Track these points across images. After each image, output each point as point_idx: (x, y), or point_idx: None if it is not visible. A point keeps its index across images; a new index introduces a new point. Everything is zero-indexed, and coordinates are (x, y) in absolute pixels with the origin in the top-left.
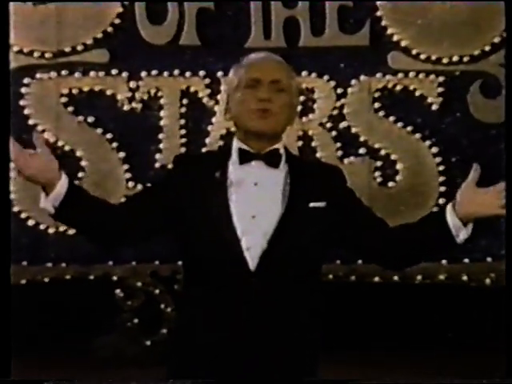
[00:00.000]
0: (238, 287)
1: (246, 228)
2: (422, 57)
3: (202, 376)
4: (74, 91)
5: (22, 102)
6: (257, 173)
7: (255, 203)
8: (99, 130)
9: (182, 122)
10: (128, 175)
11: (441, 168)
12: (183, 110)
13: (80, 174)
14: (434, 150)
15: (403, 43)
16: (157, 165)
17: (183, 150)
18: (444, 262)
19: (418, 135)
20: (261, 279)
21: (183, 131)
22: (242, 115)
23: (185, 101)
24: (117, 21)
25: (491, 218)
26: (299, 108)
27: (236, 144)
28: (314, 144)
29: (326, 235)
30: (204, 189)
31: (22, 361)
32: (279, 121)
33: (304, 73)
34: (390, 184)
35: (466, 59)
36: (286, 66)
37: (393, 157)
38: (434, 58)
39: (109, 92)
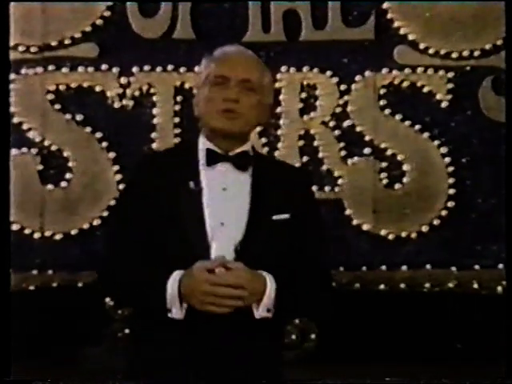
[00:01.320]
0: None
1: (215, 235)
2: (431, 51)
3: None
4: (62, 87)
5: None
6: (225, 176)
7: (224, 209)
8: (88, 129)
9: (176, 120)
10: (118, 177)
11: (450, 169)
12: (177, 107)
13: (68, 175)
14: (443, 149)
15: (410, 37)
16: None
17: None
18: (453, 268)
19: (426, 134)
20: None
21: (177, 130)
22: (207, 114)
23: (179, 98)
24: (106, 13)
25: None
26: (300, 106)
27: (202, 144)
28: (316, 143)
29: (290, 246)
30: (177, 196)
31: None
32: (247, 121)
33: (305, 68)
34: (397, 186)
35: (476, 54)
36: (259, 63)
37: (399, 157)
38: (442, 52)
39: (98, 88)
